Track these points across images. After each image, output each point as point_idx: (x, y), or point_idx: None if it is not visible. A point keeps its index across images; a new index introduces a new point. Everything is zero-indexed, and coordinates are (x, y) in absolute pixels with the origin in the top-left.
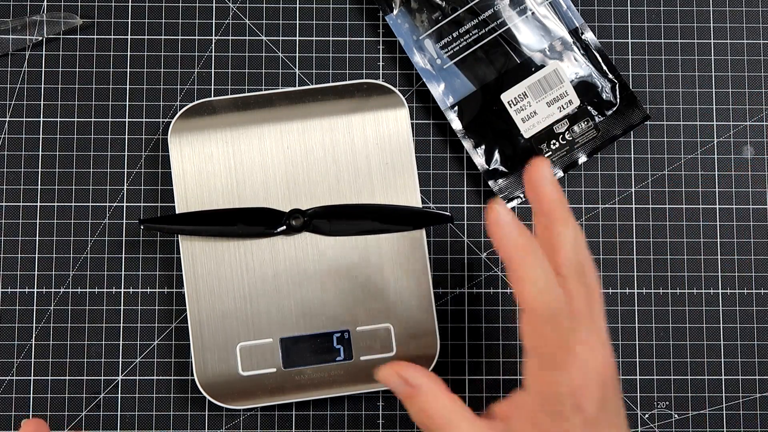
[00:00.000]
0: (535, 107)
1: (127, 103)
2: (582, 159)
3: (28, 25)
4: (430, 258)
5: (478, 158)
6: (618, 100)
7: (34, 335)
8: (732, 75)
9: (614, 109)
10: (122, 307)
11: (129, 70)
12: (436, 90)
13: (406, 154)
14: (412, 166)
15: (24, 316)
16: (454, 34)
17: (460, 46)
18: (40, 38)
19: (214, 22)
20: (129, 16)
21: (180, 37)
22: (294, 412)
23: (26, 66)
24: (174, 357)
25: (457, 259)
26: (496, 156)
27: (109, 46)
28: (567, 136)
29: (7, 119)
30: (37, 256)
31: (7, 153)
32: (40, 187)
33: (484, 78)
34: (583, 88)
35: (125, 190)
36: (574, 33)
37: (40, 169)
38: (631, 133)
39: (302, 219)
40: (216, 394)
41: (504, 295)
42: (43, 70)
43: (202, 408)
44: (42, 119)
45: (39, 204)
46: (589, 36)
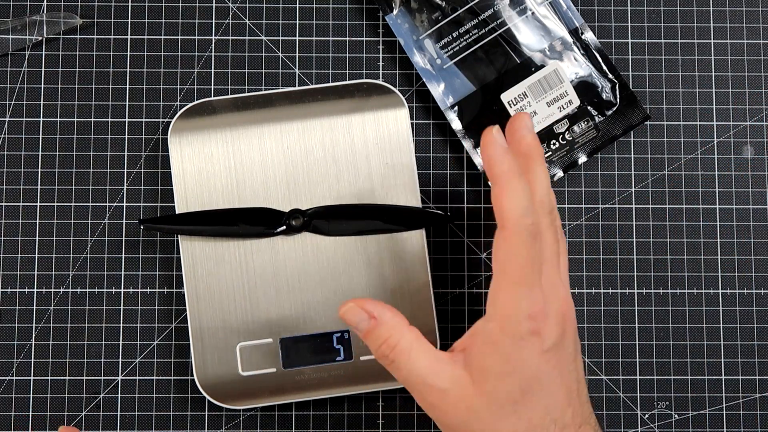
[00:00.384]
0: (535, 107)
1: (127, 103)
2: (582, 159)
3: (28, 25)
4: (430, 258)
5: (478, 158)
6: (618, 100)
7: (34, 335)
8: (732, 75)
9: (614, 109)
10: (122, 307)
11: (129, 70)
12: (436, 90)
13: (406, 154)
14: (412, 166)
15: (24, 316)
16: (454, 34)
17: (460, 46)
18: (40, 38)
19: (214, 22)
20: (129, 16)
21: (180, 37)
22: (294, 412)
23: (26, 66)
24: (174, 357)
25: (457, 259)
26: None
27: (109, 46)
28: (567, 136)
29: (7, 119)
30: (37, 256)
31: (7, 153)
32: (40, 187)
33: (484, 78)
34: (583, 88)
35: (125, 190)
36: (574, 33)
37: (40, 169)
38: (631, 133)
39: (302, 219)
40: (216, 394)
41: None
42: (43, 70)
43: (202, 408)
44: (42, 119)
45: (39, 204)
46: (589, 36)
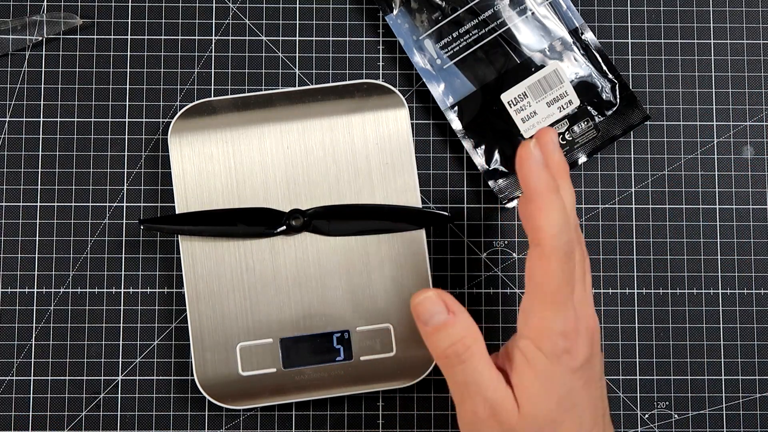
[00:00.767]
0: (535, 107)
1: (127, 103)
2: (582, 159)
3: (28, 25)
4: (430, 258)
5: (478, 158)
6: (618, 100)
7: (34, 335)
8: (732, 75)
9: (614, 109)
10: (122, 307)
11: (129, 70)
12: (436, 90)
13: (406, 154)
14: (412, 166)
15: (24, 316)
16: (454, 34)
17: (460, 46)
18: (40, 38)
19: (214, 22)
20: (129, 16)
21: (180, 37)
22: (294, 412)
23: (26, 66)
24: (174, 357)
25: (457, 259)
26: (496, 156)
27: (109, 46)
28: (567, 137)
29: (7, 119)
30: (37, 256)
31: (7, 153)
32: (40, 187)
33: (484, 78)
34: (583, 88)
35: (125, 190)
36: (574, 33)
37: (40, 169)
38: (631, 133)
39: (302, 219)
40: (216, 394)
41: (504, 295)
42: (43, 70)
43: (202, 408)
44: (42, 119)
45: (39, 204)
46: (589, 36)
